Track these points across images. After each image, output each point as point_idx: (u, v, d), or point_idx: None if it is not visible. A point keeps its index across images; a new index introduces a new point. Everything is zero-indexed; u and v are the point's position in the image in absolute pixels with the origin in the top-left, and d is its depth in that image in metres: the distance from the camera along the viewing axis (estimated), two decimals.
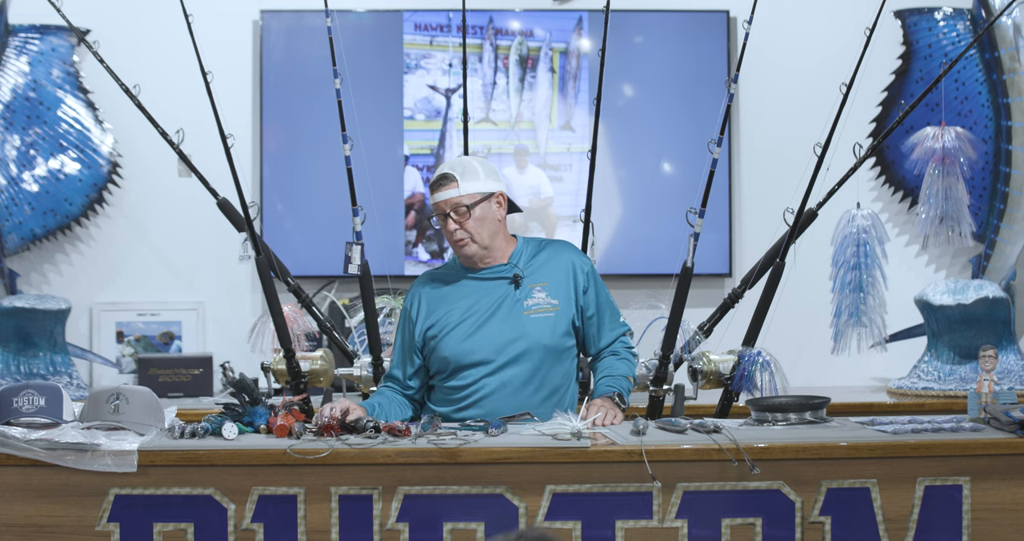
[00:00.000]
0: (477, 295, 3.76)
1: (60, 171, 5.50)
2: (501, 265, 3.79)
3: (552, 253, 3.83)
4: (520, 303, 3.74)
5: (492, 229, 3.75)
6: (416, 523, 3.31)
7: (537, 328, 3.72)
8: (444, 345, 3.74)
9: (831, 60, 4.73)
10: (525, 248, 3.83)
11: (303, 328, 4.41)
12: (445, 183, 3.72)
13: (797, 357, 4.88)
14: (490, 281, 3.78)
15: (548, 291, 3.76)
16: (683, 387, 4.20)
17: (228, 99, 4.89)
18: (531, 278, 3.77)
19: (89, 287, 5.64)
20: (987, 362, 3.90)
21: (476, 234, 3.72)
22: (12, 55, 5.48)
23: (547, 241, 3.90)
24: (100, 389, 3.50)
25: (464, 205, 3.70)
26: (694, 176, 4.68)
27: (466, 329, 3.73)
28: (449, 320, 3.75)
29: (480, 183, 3.73)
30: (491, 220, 3.74)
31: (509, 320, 3.73)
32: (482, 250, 3.75)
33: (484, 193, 3.73)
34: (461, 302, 3.77)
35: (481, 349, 3.71)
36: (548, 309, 3.74)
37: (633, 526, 3.34)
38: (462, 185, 3.71)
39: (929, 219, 4.81)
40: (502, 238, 3.80)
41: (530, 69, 5.69)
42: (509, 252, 3.81)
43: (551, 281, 3.77)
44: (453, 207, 3.70)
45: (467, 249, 3.74)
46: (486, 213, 3.73)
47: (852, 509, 3.38)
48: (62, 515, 3.29)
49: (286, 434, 3.39)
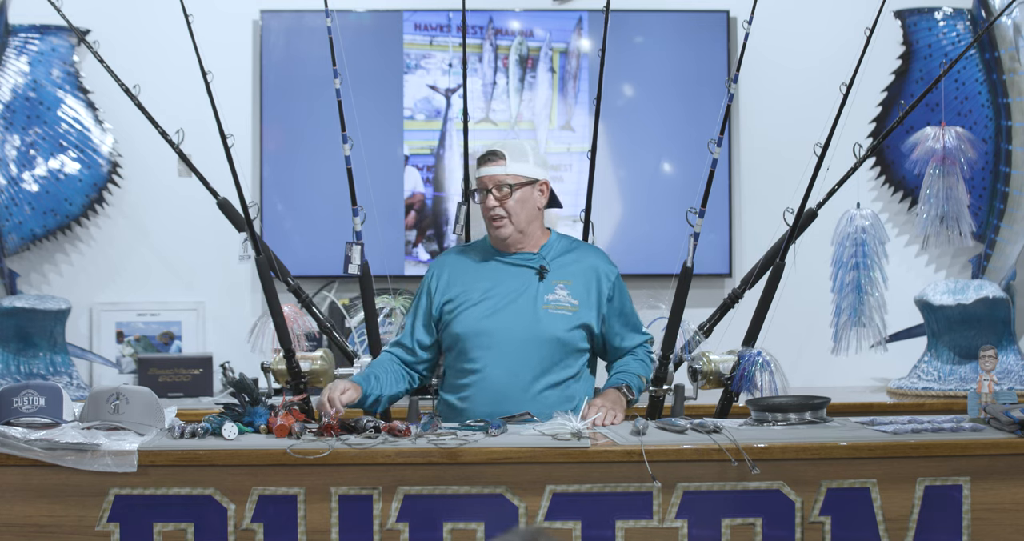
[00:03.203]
0: (501, 278, 3.77)
1: (60, 171, 5.49)
2: (530, 254, 3.80)
3: (581, 255, 3.84)
4: (541, 296, 3.75)
5: (530, 215, 3.76)
6: (416, 523, 3.31)
7: (552, 322, 3.73)
8: (459, 321, 3.75)
9: (831, 60, 4.73)
10: (557, 243, 3.84)
11: (303, 328, 4.41)
12: (493, 159, 3.73)
13: (797, 357, 4.87)
14: (517, 267, 3.79)
15: (570, 290, 3.77)
16: (683, 387, 4.20)
17: (228, 99, 4.88)
18: (556, 274, 3.78)
19: (89, 287, 5.63)
20: (987, 362, 3.90)
21: (514, 215, 3.73)
22: (12, 55, 5.47)
23: (579, 242, 3.92)
24: (100, 389, 3.50)
25: (508, 184, 3.71)
26: (694, 176, 4.67)
27: (484, 309, 3.74)
28: (469, 297, 3.76)
29: (528, 167, 3.74)
30: (531, 206, 3.76)
31: (527, 309, 3.74)
32: (517, 233, 3.76)
33: (529, 178, 3.74)
34: (484, 282, 3.78)
35: (494, 332, 3.72)
36: (567, 308, 3.75)
37: (633, 526, 3.34)
38: (509, 165, 3.72)
39: (929, 219, 4.80)
40: (537, 227, 3.81)
41: (530, 69, 5.68)
42: (541, 243, 3.82)
43: (575, 282, 3.78)
44: (496, 184, 3.72)
45: (503, 230, 3.75)
46: (527, 198, 3.74)
47: (852, 509, 3.38)
48: (62, 515, 3.29)
49: (286, 434, 3.39)
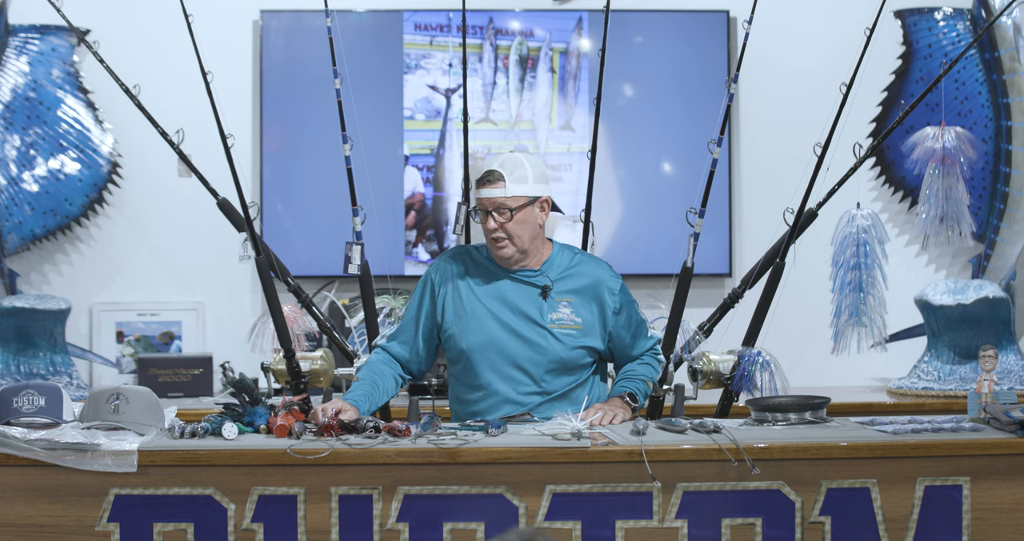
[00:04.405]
0: (505, 292, 3.75)
1: (60, 171, 5.49)
2: (533, 271, 3.77)
3: (584, 270, 3.80)
4: (545, 314, 3.73)
5: (532, 233, 3.73)
6: (416, 523, 3.31)
7: (557, 341, 3.72)
8: (464, 336, 3.73)
9: (831, 60, 4.73)
10: (559, 256, 3.81)
11: (303, 328, 4.41)
12: (492, 180, 3.69)
13: (797, 357, 4.87)
14: (521, 283, 3.77)
15: (573, 307, 3.75)
16: (683, 387, 4.20)
17: (228, 99, 4.89)
18: (559, 291, 3.76)
19: (89, 287, 5.63)
20: (987, 362, 3.90)
21: (516, 237, 3.70)
22: (12, 55, 5.47)
23: (581, 255, 3.86)
24: (100, 389, 3.50)
25: (508, 207, 3.68)
26: (694, 176, 4.68)
27: (489, 326, 3.72)
28: (475, 310, 3.74)
29: (528, 186, 3.70)
30: (532, 224, 3.72)
31: (532, 328, 3.72)
32: (519, 253, 3.73)
33: (530, 197, 3.70)
34: (488, 295, 3.75)
35: (500, 351, 3.71)
36: (571, 326, 3.74)
37: (633, 526, 3.34)
38: (509, 186, 3.68)
39: (929, 219, 4.81)
40: (540, 242, 3.78)
41: (530, 69, 5.68)
42: (543, 257, 3.79)
43: (578, 298, 3.76)
44: (496, 207, 3.68)
45: (505, 251, 3.72)
46: (528, 217, 3.70)
47: (852, 509, 3.38)
48: (62, 515, 3.29)
49: (286, 434, 3.39)
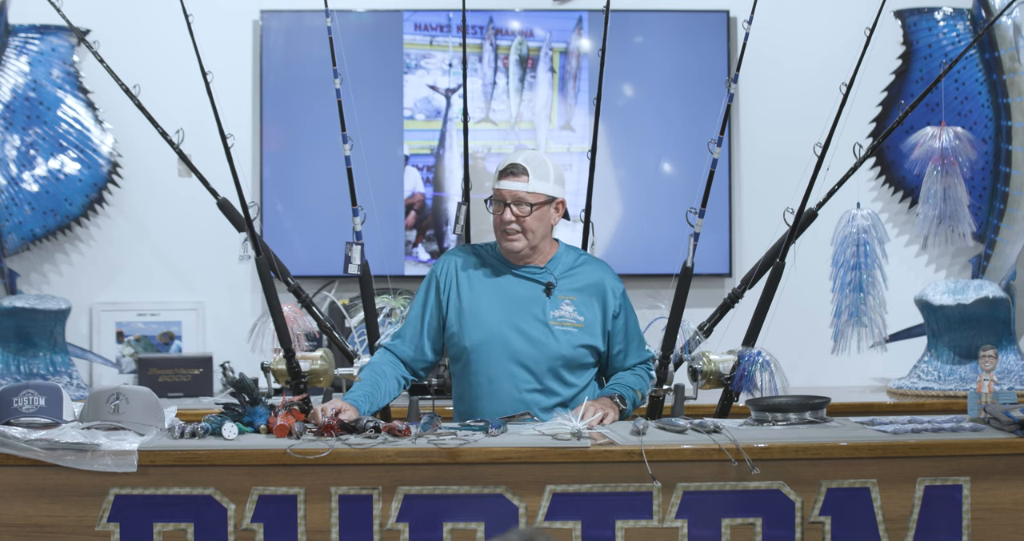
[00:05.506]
0: (509, 289, 3.76)
1: (60, 171, 5.49)
2: (538, 267, 3.78)
3: (588, 270, 3.82)
4: (548, 311, 3.74)
5: (544, 231, 3.76)
6: (416, 523, 3.31)
7: (559, 339, 3.73)
8: (467, 334, 3.74)
9: (831, 60, 4.73)
10: (564, 256, 3.83)
11: (303, 328, 4.41)
12: (516, 173, 3.71)
13: (797, 357, 4.87)
14: (525, 280, 3.78)
15: (576, 306, 3.76)
16: (683, 387, 4.20)
17: (228, 99, 4.88)
18: (562, 289, 3.77)
19: (89, 287, 5.63)
20: (987, 362, 3.90)
21: (530, 232, 3.72)
22: (12, 55, 5.47)
23: (586, 256, 3.89)
24: (100, 389, 3.50)
25: (528, 203, 3.69)
26: (694, 176, 4.67)
27: (492, 323, 3.73)
28: (478, 307, 3.75)
29: (549, 185, 3.73)
30: (546, 223, 3.75)
31: (535, 325, 3.73)
32: (529, 249, 3.75)
33: (549, 197, 3.73)
34: (492, 292, 3.76)
35: (502, 348, 3.72)
36: (573, 324, 3.75)
37: (633, 526, 3.34)
38: (532, 182, 3.70)
39: (929, 219, 4.81)
40: (547, 241, 3.80)
41: (530, 69, 5.68)
42: (549, 256, 3.81)
43: (581, 297, 3.77)
44: (516, 200, 3.70)
45: (515, 243, 3.73)
46: (544, 216, 3.73)
47: (852, 509, 3.38)
48: (62, 515, 3.29)
49: (286, 434, 3.39)
